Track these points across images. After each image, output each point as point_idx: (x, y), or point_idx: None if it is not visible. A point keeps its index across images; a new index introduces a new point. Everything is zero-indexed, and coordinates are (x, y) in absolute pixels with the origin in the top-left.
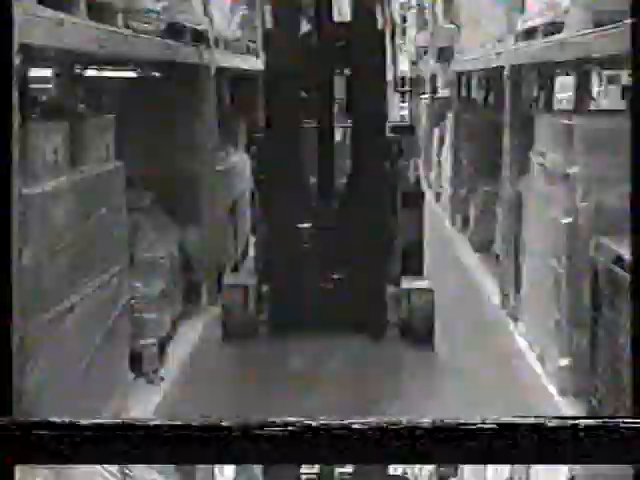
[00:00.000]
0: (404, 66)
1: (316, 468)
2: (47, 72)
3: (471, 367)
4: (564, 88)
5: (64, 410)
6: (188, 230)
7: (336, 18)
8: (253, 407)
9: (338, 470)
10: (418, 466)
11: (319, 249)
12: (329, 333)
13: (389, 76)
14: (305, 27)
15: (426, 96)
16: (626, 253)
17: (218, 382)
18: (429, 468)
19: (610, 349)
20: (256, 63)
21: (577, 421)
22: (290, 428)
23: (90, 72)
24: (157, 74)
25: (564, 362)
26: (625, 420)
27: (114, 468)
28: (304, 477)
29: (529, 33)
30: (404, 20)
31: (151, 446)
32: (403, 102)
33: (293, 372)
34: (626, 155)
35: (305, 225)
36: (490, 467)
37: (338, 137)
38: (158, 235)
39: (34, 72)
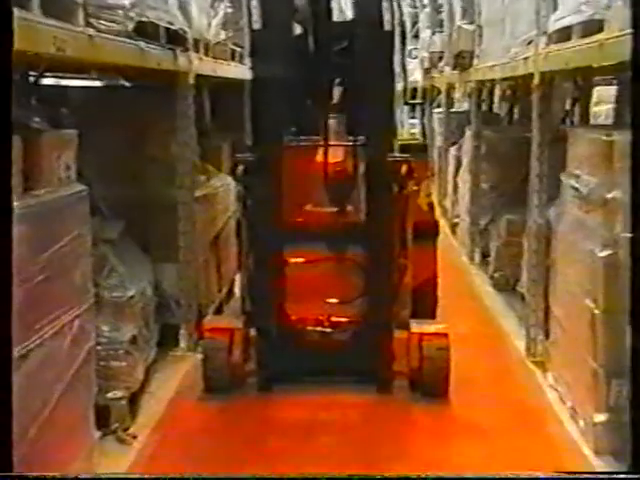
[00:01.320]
0: (416, 74)
1: None
2: None
3: (491, 425)
4: (603, 99)
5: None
6: (163, 266)
7: (336, 18)
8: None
9: None
10: None
11: (316, 286)
12: (326, 384)
13: (397, 86)
14: (299, 29)
15: (441, 110)
16: None
17: (196, 444)
18: None
19: None
20: (242, 70)
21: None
22: None
23: (47, 80)
24: (125, 82)
25: (600, 417)
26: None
27: None
28: None
29: (563, 34)
30: (416, 20)
31: None
32: (414, 117)
33: (283, 434)
34: None
35: (298, 258)
36: None
37: (339, 158)
38: (129, 271)
39: None
